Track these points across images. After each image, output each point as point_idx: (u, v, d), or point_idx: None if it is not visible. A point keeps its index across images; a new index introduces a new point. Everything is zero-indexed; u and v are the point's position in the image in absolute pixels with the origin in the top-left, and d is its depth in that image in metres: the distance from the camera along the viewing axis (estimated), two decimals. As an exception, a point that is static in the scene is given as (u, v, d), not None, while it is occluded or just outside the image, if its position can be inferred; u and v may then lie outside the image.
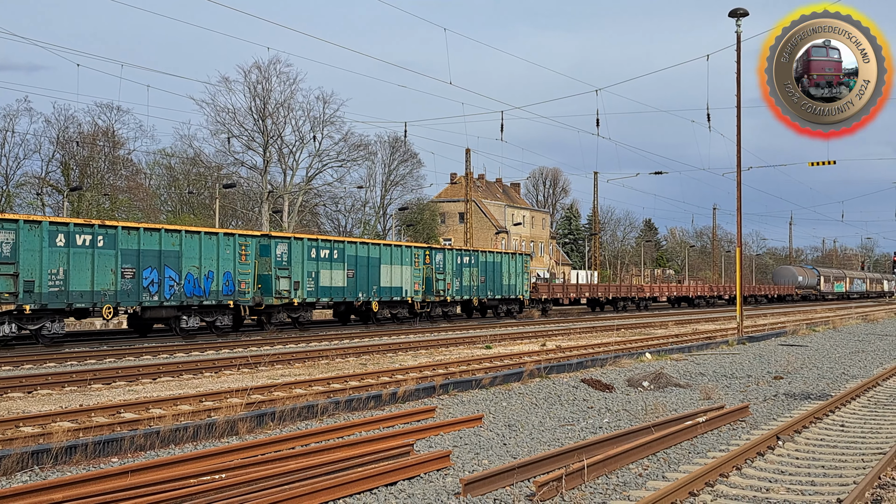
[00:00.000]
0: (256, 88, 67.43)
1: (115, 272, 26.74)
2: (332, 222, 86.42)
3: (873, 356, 25.42)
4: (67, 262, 25.39)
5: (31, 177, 63.84)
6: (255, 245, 32.15)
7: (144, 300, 27.72)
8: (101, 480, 8.76)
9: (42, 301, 24.71)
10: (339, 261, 35.69)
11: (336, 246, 35.88)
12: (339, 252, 35.82)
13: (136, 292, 27.41)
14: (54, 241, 25.05)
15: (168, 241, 28.50)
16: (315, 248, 34.69)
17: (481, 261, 45.16)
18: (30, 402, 15.21)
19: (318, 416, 13.42)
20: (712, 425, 12.72)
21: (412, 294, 39.91)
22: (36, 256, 24.57)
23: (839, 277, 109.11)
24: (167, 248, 28.42)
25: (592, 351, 25.66)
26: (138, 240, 27.51)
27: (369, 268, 37.36)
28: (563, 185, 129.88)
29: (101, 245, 26.33)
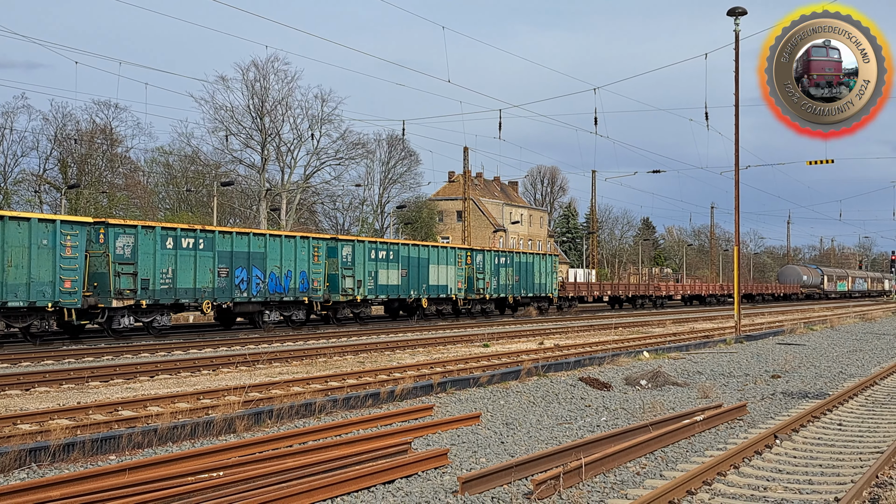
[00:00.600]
0: (254, 86, 67.44)
1: (212, 272, 30.17)
2: (330, 220, 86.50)
3: (871, 355, 25.44)
4: (175, 262, 28.82)
5: (28, 174, 63.86)
6: (325, 247, 35.58)
7: (236, 296, 31.18)
8: (98, 478, 8.76)
9: (155, 297, 28.12)
10: (394, 261, 39.21)
11: (392, 248, 39.45)
12: (395, 253, 39.33)
13: (229, 289, 30.88)
14: (164, 244, 28.51)
15: (255, 244, 32.06)
16: (374, 249, 38.21)
17: (515, 261, 48.49)
18: (27, 400, 15.20)
19: (316, 415, 13.42)
20: (710, 424, 12.72)
21: (456, 292, 43.44)
22: (150, 258, 28.02)
23: (842, 277, 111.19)
24: (255, 250, 31.99)
25: (590, 349, 25.66)
26: (231, 242, 31.04)
27: (419, 268, 40.85)
28: (560, 184, 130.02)
29: (202, 247, 29.80)
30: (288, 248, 33.47)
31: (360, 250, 37.22)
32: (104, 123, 67.35)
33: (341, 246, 36.27)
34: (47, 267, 24.88)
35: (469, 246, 48.75)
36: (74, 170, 63.61)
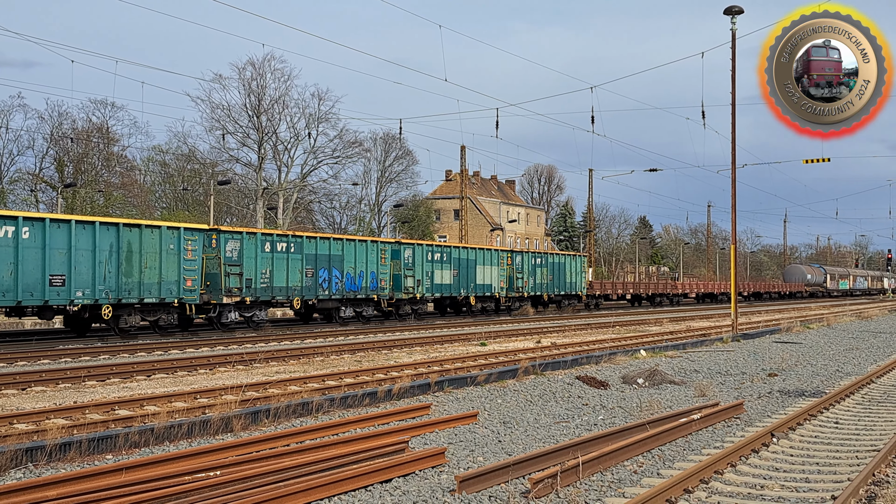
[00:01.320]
0: (251, 85, 67.36)
1: (301, 272, 34.08)
2: (327, 219, 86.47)
3: (867, 353, 25.46)
4: (272, 264, 32.71)
5: (24, 173, 63.79)
6: (390, 250, 39.56)
7: (319, 294, 35.12)
8: (95, 477, 8.75)
9: (256, 294, 31.99)
10: (447, 262, 43.21)
11: (445, 250, 43.53)
12: (448, 255, 43.39)
13: (314, 288, 34.81)
14: (263, 248, 32.33)
15: (335, 248, 36.02)
16: (431, 252, 42.22)
17: (550, 262, 52.46)
18: (24, 399, 15.18)
19: (313, 413, 13.41)
20: (707, 422, 12.73)
21: (498, 290, 47.31)
22: (253, 260, 31.84)
23: (843, 275, 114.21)
24: (334, 252, 35.90)
25: (587, 348, 25.67)
26: (316, 246, 35.00)
27: (468, 268, 44.91)
28: (557, 183, 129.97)
29: (292, 251, 33.75)
30: (361, 251, 37.46)
31: (420, 253, 41.11)
32: (101, 122, 67.38)
33: (403, 249, 40.11)
34: (173, 268, 28.63)
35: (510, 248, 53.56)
36: (71, 169, 63.54)
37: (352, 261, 36.78)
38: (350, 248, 36.84)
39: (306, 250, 34.39)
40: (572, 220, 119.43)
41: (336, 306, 36.33)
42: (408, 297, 40.11)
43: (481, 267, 45.86)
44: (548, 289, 51.84)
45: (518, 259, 49.25)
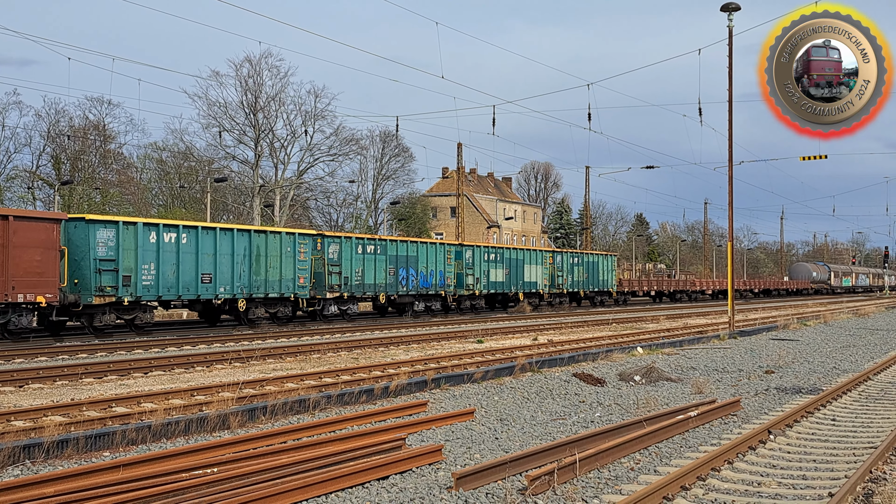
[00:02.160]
0: (248, 82, 67.25)
1: (385, 271, 38.71)
2: (324, 217, 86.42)
3: (864, 350, 25.50)
4: (363, 264, 37.40)
5: (21, 170, 63.65)
6: (454, 251, 44.19)
7: (399, 290, 39.83)
8: (92, 474, 8.75)
9: (351, 291, 36.70)
10: (500, 262, 47.73)
11: (499, 251, 48.19)
12: (500, 255, 47.89)
13: (395, 285, 39.48)
14: (357, 250, 37.07)
15: (412, 250, 40.73)
16: (487, 252, 46.93)
17: (585, 261, 56.87)
18: (21, 396, 15.17)
19: (310, 411, 13.41)
20: (704, 419, 12.75)
21: (542, 287, 51.58)
22: (349, 261, 36.59)
23: (847, 273, 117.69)
24: (411, 253, 40.59)
25: (584, 345, 25.69)
26: (396, 248, 39.74)
27: (517, 267, 49.24)
28: (554, 180, 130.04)
29: (378, 252, 38.44)
30: (431, 253, 42.12)
31: (478, 253, 45.82)
32: (97, 119, 67.25)
33: (465, 250, 44.97)
34: (290, 268, 33.16)
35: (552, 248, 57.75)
36: (68, 166, 63.44)
37: (424, 261, 41.46)
38: (423, 250, 41.63)
39: (389, 252, 39.18)
40: (569, 217, 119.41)
41: (411, 301, 41.13)
42: (468, 294, 45.06)
43: (528, 266, 50.26)
44: (584, 286, 56.28)
45: (559, 259, 53.77)
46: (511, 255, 48.83)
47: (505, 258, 48.05)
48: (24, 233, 23.98)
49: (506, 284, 48.01)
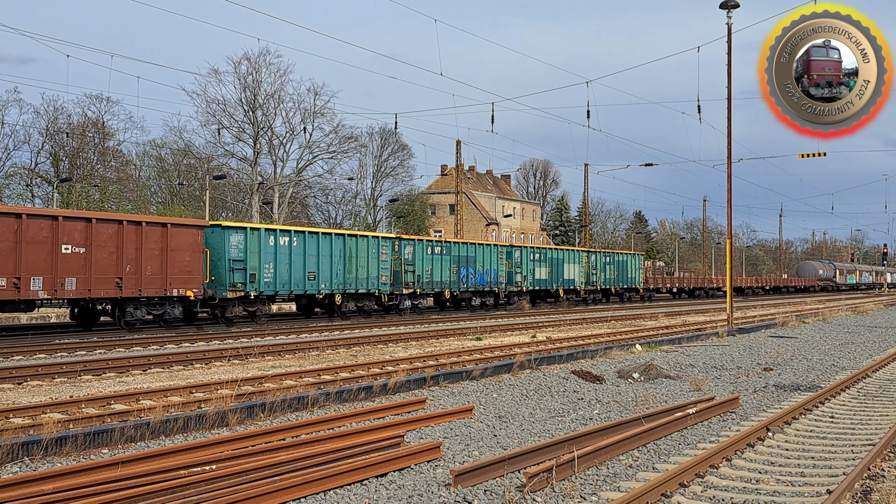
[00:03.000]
0: (247, 80, 67.28)
1: (449, 270, 43.39)
2: (323, 214, 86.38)
3: (863, 348, 25.51)
4: (432, 263, 42.06)
5: (20, 168, 63.59)
6: (506, 251, 48.95)
7: (461, 287, 44.57)
8: (91, 471, 8.75)
9: (423, 287, 41.34)
10: (543, 261, 52.50)
11: (542, 251, 53.03)
12: (544, 255, 52.69)
13: (457, 282, 44.22)
14: (427, 251, 41.75)
15: (471, 250, 45.49)
16: (533, 252, 51.68)
17: (616, 260, 61.52)
18: (20, 394, 15.17)
19: (309, 408, 13.41)
20: (702, 417, 12.75)
21: (579, 284, 56.25)
22: (421, 261, 41.23)
23: (851, 270, 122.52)
24: (470, 254, 45.24)
25: (583, 343, 25.69)
26: (458, 248, 44.40)
27: (558, 266, 53.90)
28: (553, 177, 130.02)
29: (444, 253, 43.17)
30: (486, 253, 46.84)
31: (525, 253, 50.61)
32: (96, 117, 67.17)
33: (514, 250, 49.59)
34: (375, 267, 37.85)
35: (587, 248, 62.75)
36: (66, 163, 63.38)
37: (481, 261, 46.14)
38: (480, 251, 46.26)
39: (453, 252, 43.77)
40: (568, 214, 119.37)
41: (469, 297, 45.83)
42: (517, 290, 49.64)
43: (567, 265, 54.89)
44: (615, 283, 60.84)
45: (593, 258, 58.23)
46: (553, 255, 53.69)
47: (548, 258, 52.86)
48: (177, 238, 28.62)
49: (548, 282, 52.81)
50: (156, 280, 27.90)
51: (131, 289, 27.16)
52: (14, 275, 23.95)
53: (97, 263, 26.14)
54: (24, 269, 24.17)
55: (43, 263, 24.65)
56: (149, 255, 27.68)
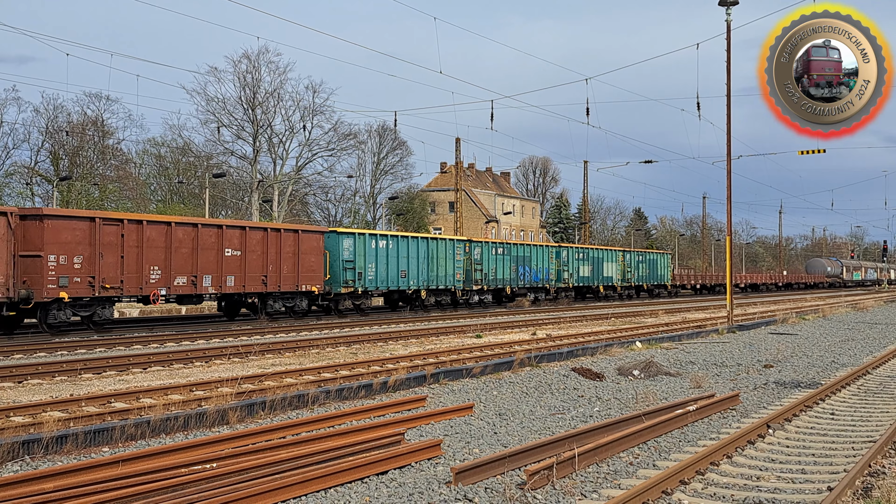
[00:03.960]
0: (246, 78, 67.25)
1: (510, 268, 48.44)
2: (322, 212, 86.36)
3: (863, 344, 25.51)
4: (496, 262, 47.01)
5: (20, 166, 63.55)
6: (555, 251, 53.72)
7: (519, 283, 49.54)
8: (91, 470, 8.74)
9: (489, 283, 46.64)
10: (586, 260, 57.18)
11: (585, 251, 57.62)
12: (586, 254, 57.38)
13: (516, 279, 49.13)
14: (492, 251, 46.84)
15: (527, 251, 50.48)
16: (578, 252, 56.53)
17: (648, 259, 66.71)
18: (20, 392, 15.17)
19: (309, 406, 13.41)
20: (703, 414, 12.75)
21: (616, 281, 60.91)
22: (487, 261, 46.27)
23: (857, 267, 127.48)
24: (526, 254, 50.21)
25: (583, 340, 25.69)
26: (517, 250, 49.33)
27: (598, 264, 58.53)
28: (552, 174, 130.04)
29: (505, 253, 48.07)
30: (539, 253, 51.74)
31: (572, 253, 55.47)
32: (95, 115, 67.12)
33: (562, 250, 54.43)
34: (451, 266, 43.19)
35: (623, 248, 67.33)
36: (66, 162, 63.35)
37: (534, 260, 50.97)
38: (534, 251, 51.19)
39: (512, 253, 48.73)
40: (567, 211, 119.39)
41: (525, 292, 50.75)
42: (564, 286, 54.58)
43: (606, 263, 59.51)
44: (646, 280, 65.78)
45: (628, 257, 63.17)
46: (594, 254, 58.34)
47: (590, 257, 57.63)
48: (306, 242, 34.05)
49: (590, 279, 57.53)
50: (290, 278, 33.28)
51: (273, 285, 32.51)
52: (192, 274, 29.35)
53: (249, 264, 31.56)
54: (199, 270, 29.58)
55: (211, 265, 30.07)
56: (285, 256, 32.99)
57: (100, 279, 26.26)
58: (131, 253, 27.31)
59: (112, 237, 26.80)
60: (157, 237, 28.25)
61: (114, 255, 26.77)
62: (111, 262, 26.66)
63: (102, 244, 26.41)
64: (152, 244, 28.07)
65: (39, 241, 24.79)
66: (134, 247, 27.45)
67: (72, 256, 25.54)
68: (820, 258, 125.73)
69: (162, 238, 28.39)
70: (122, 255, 26.98)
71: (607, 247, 66.64)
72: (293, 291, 33.38)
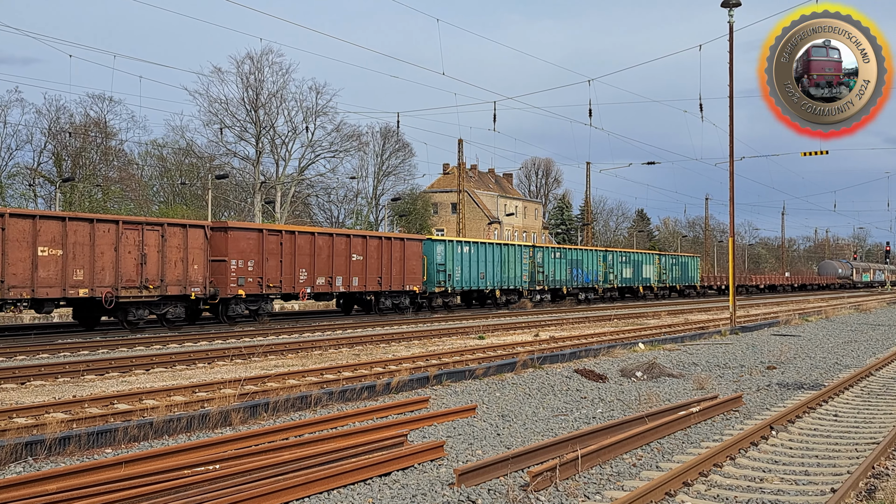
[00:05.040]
0: (249, 79, 67.23)
1: (566, 271, 54.04)
2: (325, 213, 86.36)
3: (866, 346, 25.49)
4: (554, 265, 52.76)
5: (23, 168, 63.57)
6: (602, 255, 58.65)
7: (573, 284, 55.04)
8: (95, 471, 8.75)
9: (549, 284, 52.07)
10: (628, 263, 62.59)
11: (628, 255, 63.49)
12: (629, 258, 63.19)
13: (570, 281, 54.63)
14: (550, 256, 52.49)
15: (579, 254, 55.94)
16: (622, 256, 62.17)
17: (681, 261, 72.94)
18: (23, 393, 15.18)
19: (312, 407, 13.41)
20: (706, 415, 12.74)
21: (654, 282, 66.53)
22: (548, 263, 52.03)
23: (866, 269, 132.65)
24: (578, 258, 55.68)
25: (585, 341, 25.68)
26: (571, 254, 55.01)
27: (638, 267, 64.10)
28: (555, 176, 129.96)
29: (561, 257, 53.73)
30: (589, 256, 57.17)
31: (616, 257, 61.03)
32: (98, 117, 67.16)
33: (608, 254, 59.88)
34: (519, 268, 48.44)
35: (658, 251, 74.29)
36: (69, 163, 63.37)
37: (586, 263, 56.48)
38: (584, 255, 56.61)
39: (568, 257, 54.37)
40: (570, 213, 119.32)
41: (577, 292, 55.96)
42: (612, 287, 59.81)
43: (644, 265, 65.14)
44: (678, 281, 71.52)
45: (663, 260, 69.16)
46: (634, 257, 64.31)
47: (631, 260, 63.37)
48: (409, 248, 39.76)
49: (632, 280, 62.97)
50: (398, 279, 39.00)
51: (386, 285, 38.25)
52: (328, 275, 35.11)
53: (369, 267, 37.27)
54: (333, 272, 35.29)
55: (342, 268, 35.77)
56: (394, 261, 38.74)
57: (266, 280, 31.98)
58: (287, 258, 33.00)
59: (273, 245, 32.53)
60: (304, 245, 33.91)
61: (275, 259, 32.51)
62: (273, 266, 32.40)
63: (267, 251, 32.03)
64: (301, 251, 33.68)
65: (224, 249, 30.40)
66: (289, 253, 33.12)
67: (247, 261, 31.31)
68: (832, 261, 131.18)
69: (308, 246, 34.08)
70: (280, 259, 32.71)
71: (646, 251, 73.72)
72: (399, 290, 39.24)
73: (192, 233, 29.22)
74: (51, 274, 24.69)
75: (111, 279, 26.35)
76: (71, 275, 25.15)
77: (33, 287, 24.22)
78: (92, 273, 25.74)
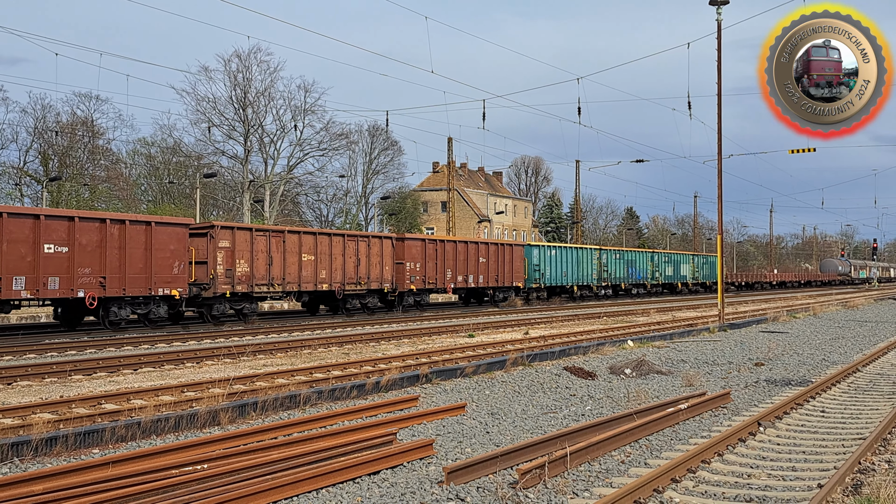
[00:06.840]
0: (237, 77, 67.05)
1: (623, 269, 62.31)
2: (314, 212, 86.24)
3: (853, 342, 25.58)
4: (614, 266, 61.21)
5: (8, 167, 63.27)
6: (649, 256, 68.15)
7: (629, 281, 63.55)
8: (82, 472, 8.71)
9: (611, 281, 60.59)
10: (670, 262, 72.08)
11: (668, 256, 72.82)
12: (670, 258, 72.48)
13: (626, 278, 63.00)
14: (612, 257, 60.85)
15: (632, 256, 64.80)
16: (664, 257, 71.48)
17: (710, 261, 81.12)
18: (9, 394, 15.11)
19: (301, 406, 13.39)
20: (694, 412, 12.77)
21: (690, 279, 75.72)
22: (610, 263, 60.29)
23: (862, 266, 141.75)
24: (630, 258, 64.18)
25: (575, 339, 25.71)
26: (627, 255, 63.84)
27: (677, 266, 73.22)
28: (545, 174, 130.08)
29: (620, 258, 62.26)
30: (641, 257, 66.82)
31: (660, 257, 70.30)
32: (85, 115, 66.92)
33: (655, 255, 69.82)
34: (590, 268, 57.20)
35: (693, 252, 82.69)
36: (56, 162, 63.11)
37: (638, 263, 65.33)
38: (637, 255, 66.16)
39: (625, 258, 63.10)
40: (559, 211, 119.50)
41: (630, 287, 64.29)
42: (657, 283, 68.94)
43: (682, 265, 74.34)
44: (706, 278, 79.55)
45: (697, 259, 78.70)
46: (675, 257, 73.91)
47: (672, 260, 72.89)
48: (514, 252, 49.41)
49: (673, 277, 72.00)
50: (508, 277, 48.49)
51: (500, 283, 47.72)
52: (465, 274, 44.51)
53: (490, 267, 46.71)
54: (468, 271, 44.91)
55: (472, 267, 45.27)
56: (505, 262, 48.20)
57: (426, 277, 41.52)
58: (440, 260, 42.69)
59: (430, 250, 42.11)
60: (450, 250, 43.62)
61: (432, 261, 42.06)
62: (430, 266, 41.88)
63: (426, 255, 41.53)
64: (448, 255, 43.32)
65: (402, 254, 40.27)
66: (441, 256, 42.77)
67: (415, 263, 40.91)
68: (832, 259, 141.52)
69: (452, 250, 43.84)
70: (435, 262, 42.34)
71: (683, 251, 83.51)
72: (507, 286, 48.72)
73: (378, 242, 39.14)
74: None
75: (340, 277, 36.56)
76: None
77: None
78: (331, 271, 35.94)
